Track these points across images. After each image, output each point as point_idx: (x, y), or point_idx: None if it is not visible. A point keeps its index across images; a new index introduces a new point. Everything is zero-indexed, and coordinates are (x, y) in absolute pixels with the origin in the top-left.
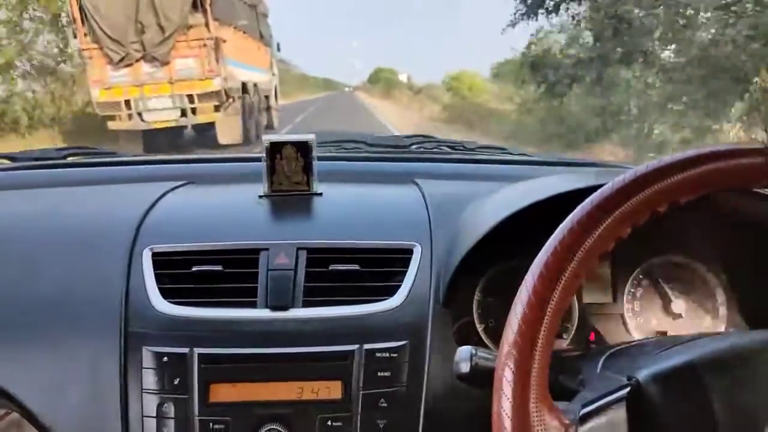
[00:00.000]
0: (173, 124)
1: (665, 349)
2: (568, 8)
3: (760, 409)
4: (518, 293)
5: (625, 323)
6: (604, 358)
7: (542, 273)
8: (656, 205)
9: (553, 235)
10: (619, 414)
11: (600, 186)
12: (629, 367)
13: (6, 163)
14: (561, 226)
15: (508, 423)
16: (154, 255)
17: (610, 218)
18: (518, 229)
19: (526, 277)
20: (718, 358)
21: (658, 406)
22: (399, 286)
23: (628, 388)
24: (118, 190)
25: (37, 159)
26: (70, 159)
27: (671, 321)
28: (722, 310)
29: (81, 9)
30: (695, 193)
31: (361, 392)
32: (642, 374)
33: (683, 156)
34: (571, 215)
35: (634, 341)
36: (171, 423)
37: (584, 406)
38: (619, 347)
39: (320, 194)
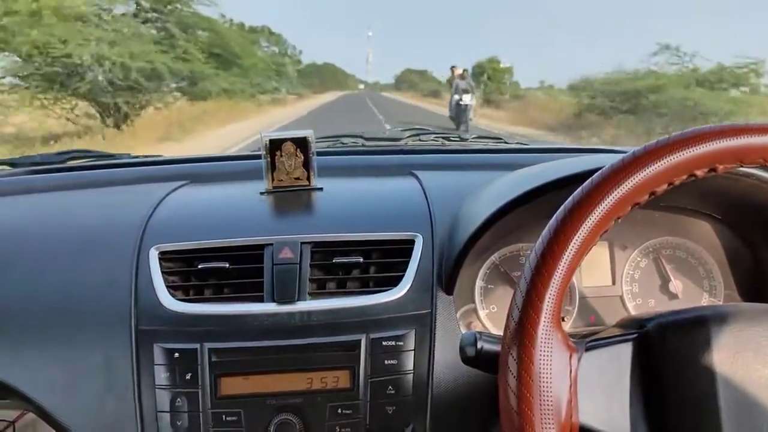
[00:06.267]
0: None
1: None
2: None
3: (758, 367)
4: (522, 274)
5: (624, 305)
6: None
7: (544, 254)
8: (655, 185)
9: (555, 215)
10: (625, 350)
11: (597, 170)
12: (639, 323)
13: (6, 168)
14: (563, 206)
15: (514, 401)
16: (161, 254)
17: (610, 198)
18: (516, 215)
19: (528, 258)
20: (726, 317)
21: (663, 350)
22: (402, 276)
23: (636, 334)
24: (121, 192)
25: (37, 164)
26: (69, 163)
27: (668, 301)
28: (719, 289)
29: None
30: (698, 170)
31: (369, 380)
32: (652, 323)
33: (681, 135)
34: (572, 196)
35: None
36: (185, 416)
37: (592, 341)
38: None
39: (321, 189)
